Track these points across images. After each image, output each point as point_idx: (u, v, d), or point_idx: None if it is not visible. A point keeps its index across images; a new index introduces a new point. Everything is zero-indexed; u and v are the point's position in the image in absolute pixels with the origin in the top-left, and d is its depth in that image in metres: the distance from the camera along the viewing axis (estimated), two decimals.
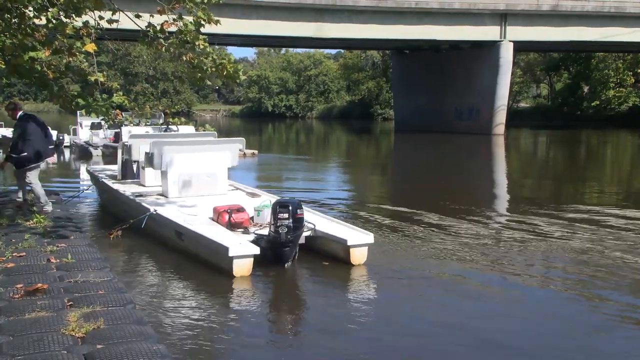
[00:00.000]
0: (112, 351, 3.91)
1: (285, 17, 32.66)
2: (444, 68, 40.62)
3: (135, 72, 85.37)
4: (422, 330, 5.29)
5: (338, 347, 4.88)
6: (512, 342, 5.05)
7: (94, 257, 6.20)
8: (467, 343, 5.00)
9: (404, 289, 6.38)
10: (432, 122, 40.46)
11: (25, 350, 3.91)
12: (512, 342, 5.05)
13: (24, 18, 6.89)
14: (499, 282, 6.73)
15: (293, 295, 6.45)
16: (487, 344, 5.02)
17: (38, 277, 5.40)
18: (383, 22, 34.03)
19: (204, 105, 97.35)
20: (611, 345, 5.04)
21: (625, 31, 35.84)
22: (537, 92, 69.64)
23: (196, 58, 7.31)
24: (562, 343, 5.00)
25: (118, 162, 11.16)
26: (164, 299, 5.98)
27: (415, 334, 5.18)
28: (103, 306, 4.73)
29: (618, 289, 6.45)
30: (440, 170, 20.58)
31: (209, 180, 9.58)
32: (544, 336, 5.12)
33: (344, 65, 74.49)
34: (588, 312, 5.82)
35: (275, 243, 6.77)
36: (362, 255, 7.14)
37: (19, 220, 7.91)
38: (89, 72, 7.65)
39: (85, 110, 7.45)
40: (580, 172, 20.05)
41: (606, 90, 50.65)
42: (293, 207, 6.72)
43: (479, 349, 4.92)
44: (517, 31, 35.60)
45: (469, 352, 4.85)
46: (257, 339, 5.10)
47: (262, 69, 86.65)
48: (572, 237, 8.82)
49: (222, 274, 6.68)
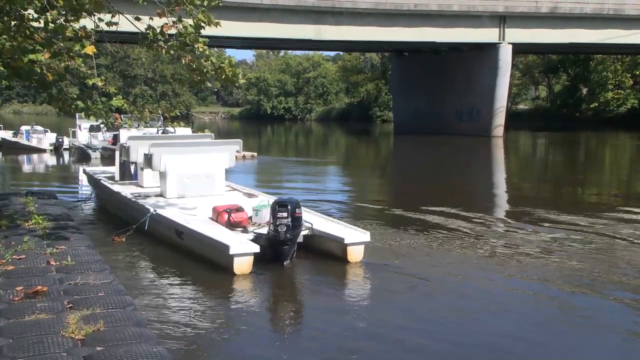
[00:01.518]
0: (112, 353, 3.90)
1: (285, 19, 32.68)
2: (443, 70, 40.65)
3: (134, 74, 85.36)
4: (417, 325, 5.41)
5: (336, 343, 4.94)
6: (507, 337, 5.08)
7: (94, 259, 6.18)
8: (462, 339, 5.06)
9: (400, 286, 6.53)
10: (431, 124, 40.47)
11: (25, 352, 3.90)
12: (507, 337, 5.08)
13: (24, 20, 6.90)
14: (494, 279, 6.78)
15: (292, 293, 6.55)
16: (482, 339, 5.07)
17: (38, 279, 5.38)
18: (382, 25, 34.05)
19: (203, 108, 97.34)
20: (610, 342, 5.05)
21: (624, 33, 35.87)
22: (536, 94, 69.67)
23: (195, 61, 7.31)
24: (561, 339, 5.03)
25: (116, 164, 11.24)
26: (164, 301, 5.99)
27: (410, 330, 5.28)
28: (103, 308, 4.72)
29: (620, 288, 6.46)
30: (438, 171, 20.59)
31: (207, 181, 9.71)
32: (538, 330, 5.14)
33: (342, 68, 74.49)
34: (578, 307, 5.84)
35: (274, 241, 6.92)
36: (359, 254, 7.32)
37: (19, 222, 7.90)
38: (88, 75, 7.65)
39: (84, 113, 7.47)
40: (579, 174, 20.06)
41: (605, 92, 50.66)
42: (292, 206, 6.89)
43: (475, 344, 4.98)
44: (516, 33, 35.65)
45: (464, 347, 4.90)
46: (257, 338, 5.12)
47: (261, 71, 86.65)
48: (569, 237, 8.83)
49: (222, 272, 6.76)
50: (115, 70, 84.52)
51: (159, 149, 9.33)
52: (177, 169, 9.46)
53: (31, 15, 6.98)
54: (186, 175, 9.54)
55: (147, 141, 9.91)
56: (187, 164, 9.54)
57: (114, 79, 75.09)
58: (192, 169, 9.57)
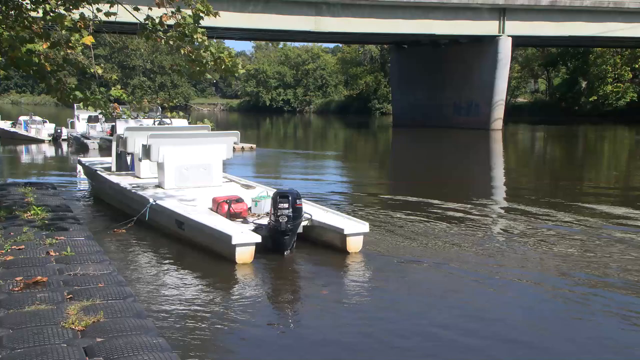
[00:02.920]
0: (112, 344, 3.91)
1: (284, 10, 32.56)
2: (443, 63, 40.54)
3: (133, 65, 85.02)
4: (415, 313, 5.50)
5: (337, 332, 5.00)
6: (506, 327, 5.13)
7: (94, 250, 6.18)
8: (461, 328, 5.10)
9: (398, 274, 6.63)
10: (430, 116, 40.43)
11: (25, 343, 3.91)
12: (506, 327, 5.13)
13: (22, 10, 6.85)
14: (494, 270, 6.81)
15: (293, 282, 6.64)
16: (478, 329, 5.10)
17: (37, 270, 5.38)
18: (382, 17, 33.93)
19: (202, 99, 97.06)
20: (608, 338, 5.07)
21: (624, 26, 35.79)
22: (535, 87, 69.55)
23: (194, 52, 7.28)
24: (560, 333, 5.04)
25: (112, 154, 11.25)
26: (164, 291, 6.01)
27: (408, 318, 5.36)
28: (103, 299, 4.72)
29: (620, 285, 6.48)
30: (437, 164, 20.60)
31: (204, 172, 9.79)
32: (535, 322, 5.15)
33: (342, 60, 74.23)
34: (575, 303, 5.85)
35: (276, 231, 7.04)
36: (358, 244, 7.45)
37: (18, 212, 7.89)
38: (86, 65, 7.63)
39: (82, 103, 7.46)
40: (577, 167, 20.08)
41: (604, 85, 50.59)
42: (292, 197, 7.02)
43: (471, 332, 5.02)
44: (515, 26, 35.55)
45: (464, 336, 4.93)
46: (258, 328, 5.14)
47: (260, 63, 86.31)
48: (568, 231, 8.85)
49: (222, 262, 6.83)
50: (114, 61, 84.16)
51: (157, 140, 9.39)
52: (175, 160, 9.54)
53: (29, 5, 6.94)
54: (184, 166, 9.63)
55: (144, 132, 9.97)
56: (186, 155, 9.62)
57: (112, 70, 74.77)
58: (190, 160, 9.65)
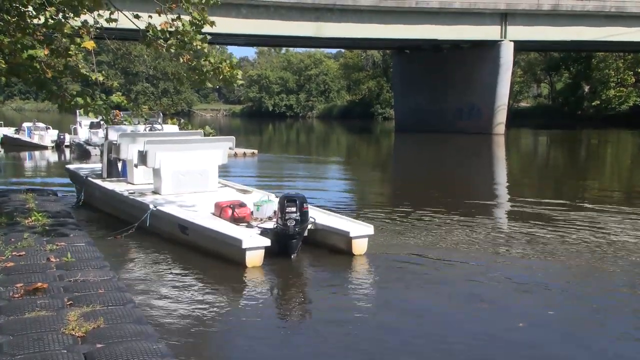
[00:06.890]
0: (112, 350, 3.91)
1: (286, 16, 32.65)
2: (445, 67, 40.53)
3: (136, 71, 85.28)
4: (421, 315, 5.52)
5: (344, 334, 5.04)
6: (511, 330, 5.10)
7: (94, 256, 6.19)
8: (468, 330, 5.10)
9: (403, 277, 6.70)
10: (433, 121, 40.40)
11: (25, 349, 3.91)
12: (511, 330, 5.10)
13: (24, 17, 6.88)
14: (499, 272, 6.83)
15: (301, 285, 6.73)
16: (484, 331, 5.09)
17: (38, 276, 5.39)
18: (383, 22, 34.01)
19: (205, 105, 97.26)
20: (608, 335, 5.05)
21: (626, 31, 35.79)
22: (538, 91, 69.55)
23: (194, 60, 7.32)
24: (563, 336, 5.02)
25: (103, 161, 11.20)
26: (165, 297, 5.98)
27: (414, 320, 5.38)
28: (103, 305, 4.72)
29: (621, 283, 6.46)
30: (439, 169, 20.59)
31: (200, 178, 9.83)
32: (542, 324, 5.14)
33: (344, 65, 74.39)
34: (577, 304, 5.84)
35: (283, 235, 7.14)
36: (363, 246, 7.53)
37: (19, 219, 7.91)
38: (88, 72, 7.65)
39: (84, 110, 7.47)
40: (580, 172, 20.03)
41: (607, 89, 50.60)
42: (300, 201, 7.16)
43: (477, 335, 4.99)
44: (517, 31, 35.56)
45: (470, 338, 4.93)
46: (262, 332, 5.12)
47: (262, 68, 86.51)
48: (572, 233, 8.83)
49: (223, 266, 6.90)
50: (117, 67, 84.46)
51: (154, 146, 9.42)
52: (172, 165, 9.58)
53: (30, 12, 6.97)
54: (181, 172, 9.66)
55: (137, 138, 10.00)
56: (182, 160, 9.66)
57: (115, 76, 75.02)
58: (186, 165, 9.70)
